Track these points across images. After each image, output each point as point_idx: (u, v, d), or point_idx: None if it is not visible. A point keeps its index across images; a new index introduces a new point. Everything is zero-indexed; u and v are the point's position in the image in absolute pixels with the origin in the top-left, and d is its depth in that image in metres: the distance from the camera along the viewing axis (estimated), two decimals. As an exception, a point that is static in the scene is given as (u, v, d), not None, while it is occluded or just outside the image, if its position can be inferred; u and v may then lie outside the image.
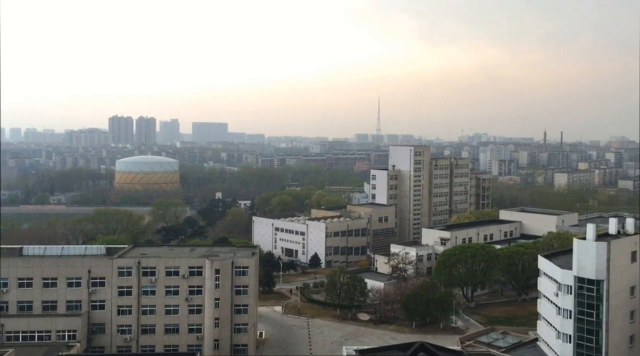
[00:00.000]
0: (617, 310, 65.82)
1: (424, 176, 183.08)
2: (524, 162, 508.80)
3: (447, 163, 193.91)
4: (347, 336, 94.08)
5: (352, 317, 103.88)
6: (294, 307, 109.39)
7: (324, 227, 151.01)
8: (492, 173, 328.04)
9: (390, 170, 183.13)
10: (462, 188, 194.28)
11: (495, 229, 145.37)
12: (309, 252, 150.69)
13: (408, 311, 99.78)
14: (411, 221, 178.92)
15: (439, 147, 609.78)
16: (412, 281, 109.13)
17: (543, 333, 75.50)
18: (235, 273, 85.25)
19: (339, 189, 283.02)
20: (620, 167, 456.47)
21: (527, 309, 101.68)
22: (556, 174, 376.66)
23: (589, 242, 66.52)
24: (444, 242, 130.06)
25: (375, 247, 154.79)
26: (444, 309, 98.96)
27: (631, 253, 68.59)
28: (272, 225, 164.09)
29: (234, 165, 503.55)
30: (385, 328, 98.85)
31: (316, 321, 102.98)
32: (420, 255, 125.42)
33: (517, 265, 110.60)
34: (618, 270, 65.94)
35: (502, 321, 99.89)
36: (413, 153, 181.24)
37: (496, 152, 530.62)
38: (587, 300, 65.88)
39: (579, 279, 66.44)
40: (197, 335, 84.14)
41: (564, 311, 68.16)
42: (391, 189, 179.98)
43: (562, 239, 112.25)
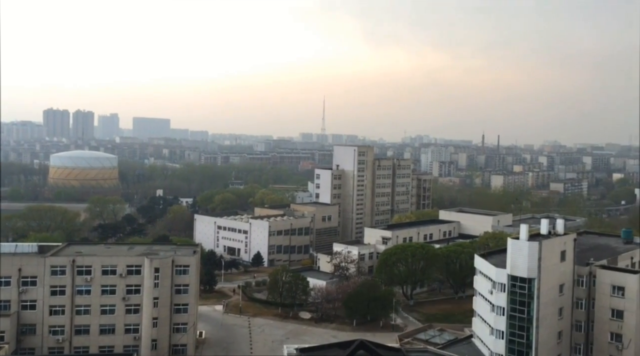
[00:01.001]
0: (547, 307, 68.80)
1: (367, 176, 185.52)
2: (463, 163, 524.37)
3: (390, 163, 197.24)
4: (289, 335, 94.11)
5: (294, 316, 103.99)
6: (235, 306, 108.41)
7: (267, 225, 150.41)
8: (432, 174, 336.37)
9: (334, 170, 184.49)
10: (404, 189, 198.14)
11: (435, 229, 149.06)
12: (251, 251, 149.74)
13: (349, 309, 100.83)
14: (354, 220, 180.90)
15: (382, 148, 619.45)
16: (354, 280, 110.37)
17: (478, 330, 78.01)
18: (176, 272, 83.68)
19: (283, 188, 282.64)
20: (552, 170, 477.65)
21: (463, 306, 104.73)
22: (493, 176, 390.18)
23: (522, 241, 69.18)
24: (385, 241, 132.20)
25: (318, 246, 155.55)
26: (384, 307, 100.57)
27: (561, 253, 71.83)
28: (215, 224, 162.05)
29: (176, 162, 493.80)
30: (326, 326, 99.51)
31: (257, 320, 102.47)
32: (362, 254, 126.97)
33: (454, 263, 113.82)
34: (548, 268, 68.93)
35: (439, 319, 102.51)
36: (357, 154, 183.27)
37: (437, 153, 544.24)
38: (519, 298, 68.48)
39: (512, 277, 68.97)
40: (134, 335, 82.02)
41: (497, 309, 70.62)
42: (335, 188, 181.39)
43: (498, 239, 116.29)
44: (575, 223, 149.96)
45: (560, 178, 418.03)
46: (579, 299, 73.80)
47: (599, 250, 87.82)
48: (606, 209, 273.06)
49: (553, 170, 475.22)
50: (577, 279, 73.82)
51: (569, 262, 72.94)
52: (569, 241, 73.45)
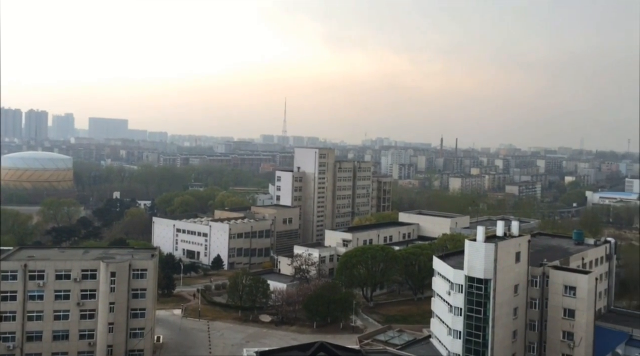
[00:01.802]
0: (502, 307, 70.44)
1: (328, 178, 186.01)
2: (422, 166, 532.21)
3: (351, 166, 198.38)
4: (248, 338, 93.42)
5: (254, 319, 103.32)
6: (194, 310, 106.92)
7: (227, 228, 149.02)
8: (392, 176, 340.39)
9: (295, 172, 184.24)
10: (364, 191, 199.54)
11: (395, 231, 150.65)
12: (211, 254, 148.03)
13: (309, 312, 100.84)
14: (315, 223, 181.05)
15: (343, 150, 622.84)
16: (314, 282, 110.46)
17: (436, 330, 79.23)
18: (133, 276, 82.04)
19: (244, 190, 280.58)
20: (508, 173, 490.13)
21: (422, 307, 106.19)
22: (451, 179, 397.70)
23: (479, 243, 70.62)
24: (346, 243, 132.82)
25: (279, 249, 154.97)
26: (344, 309, 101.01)
27: (516, 254, 73.68)
28: (174, 226, 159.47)
29: (134, 163, 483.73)
30: (286, 329, 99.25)
31: (217, 323, 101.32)
32: (322, 256, 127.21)
33: (413, 265, 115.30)
34: (504, 269, 70.60)
35: (398, 320, 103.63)
36: (318, 156, 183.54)
37: (397, 156, 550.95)
38: (475, 298, 69.89)
39: (469, 278, 70.34)
40: (89, 341, 79.96)
41: (455, 309, 71.88)
42: (296, 191, 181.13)
43: (455, 240, 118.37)
44: (529, 225, 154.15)
45: (515, 181, 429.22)
46: (533, 299, 75.86)
47: (552, 251, 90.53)
48: (558, 211, 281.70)
49: (508, 173, 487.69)
50: (531, 279, 75.86)
51: (524, 263, 74.90)
52: (523, 242, 75.43)
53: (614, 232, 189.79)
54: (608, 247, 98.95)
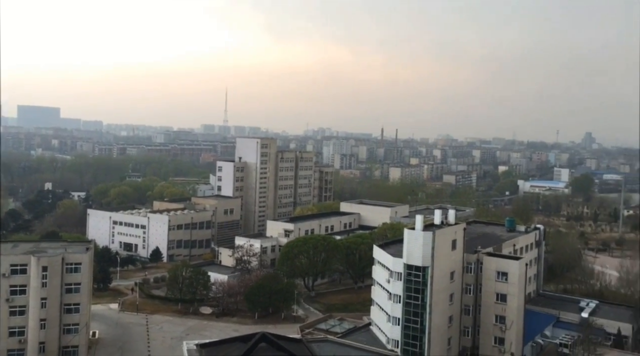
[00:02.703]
0: (439, 293, 72.66)
1: (270, 168, 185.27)
2: (363, 156, 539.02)
3: (293, 156, 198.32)
4: (189, 331, 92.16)
5: (194, 311, 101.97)
6: (131, 304, 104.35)
7: (166, 219, 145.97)
8: (334, 166, 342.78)
9: (236, 162, 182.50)
10: (307, 181, 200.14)
11: (336, 221, 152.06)
12: (150, 246, 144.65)
13: (251, 302, 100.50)
14: (256, 213, 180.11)
15: (285, 140, 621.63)
16: (256, 273, 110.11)
17: (375, 318, 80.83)
18: (66, 270, 79.24)
19: (184, 181, 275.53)
20: (445, 163, 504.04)
21: (362, 296, 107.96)
22: (391, 168, 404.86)
23: (417, 231, 72.45)
24: (287, 233, 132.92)
25: (220, 240, 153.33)
26: (286, 299, 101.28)
27: (452, 242, 76.08)
28: (110, 219, 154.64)
29: (67, 153, 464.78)
30: (227, 320, 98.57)
31: (156, 317, 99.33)
32: (264, 247, 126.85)
33: (354, 254, 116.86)
34: (441, 257, 72.78)
35: (339, 309, 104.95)
36: (260, 146, 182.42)
37: (338, 146, 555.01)
38: (414, 285, 71.74)
39: (407, 266, 72.09)
40: (20, 338, 76.62)
41: (394, 296, 73.55)
42: (237, 181, 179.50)
43: (395, 229, 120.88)
44: (465, 213, 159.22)
45: (453, 170, 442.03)
46: (468, 285, 78.65)
47: (486, 238, 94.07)
48: (492, 200, 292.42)
49: (446, 163, 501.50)
50: (467, 266, 78.61)
51: (459, 250, 77.44)
52: (459, 230, 77.94)
53: (543, 219, 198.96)
54: (537, 233, 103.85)
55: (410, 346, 71.63)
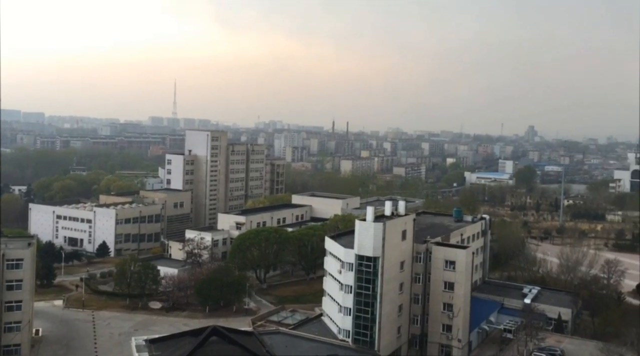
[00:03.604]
0: (389, 283, 73.84)
1: (220, 161, 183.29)
2: (314, 149, 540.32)
3: (244, 149, 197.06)
4: (137, 327, 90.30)
5: (143, 306, 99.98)
6: (77, 300, 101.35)
7: (113, 213, 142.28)
8: (286, 159, 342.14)
9: (186, 155, 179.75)
10: (258, 174, 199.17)
11: (288, 213, 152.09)
12: (96, 241, 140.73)
13: (202, 296, 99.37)
14: (207, 206, 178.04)
15: (236, 133, 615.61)
16: (207, 266, 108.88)
17: (327, 308, 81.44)
18: (7, 266, 76.21)
19: (132, 174, 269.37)
20: (395, 155, 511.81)
21: (314, 287, 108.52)
22: (342, 161, 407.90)
23: (368, 222, 73.28)
24: (239, 226, 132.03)
25: (170, 233, 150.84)
26: (237, 292, 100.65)
27: (402, 232, 77.38)
28: (53, 213, 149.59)
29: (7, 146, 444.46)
30: (177, 315, 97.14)
31: (103, 313, 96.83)
32: (215, 240, 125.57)
33: (306, 246, 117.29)
34: (391, 247, 73.93)
35: (291, 300, 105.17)
36: (210, 139, 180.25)
37: (290, 139, 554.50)
38: (365, 276, 72.64)
39: (359, 257, 72.89)
40: (-44, 339, 73.15)
41: (345, 287, 74.25)
42: (187, 174, 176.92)
43: (346, 221, 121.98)
44: (415, 204, 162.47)
45: (402, 162, 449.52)
46: (417, 274, 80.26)
47: (435, 229, 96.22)
48: (441, 191, 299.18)
49: (396, 155, 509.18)
50: (416, 256, 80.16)
51: (409, 241, 78.88)
52: (409, 221, 79.34)
53: (488, 209, 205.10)
54: (483, 223, 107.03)
55: (361, 336, 72.59)
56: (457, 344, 77.06)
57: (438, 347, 78.20)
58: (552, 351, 77.92)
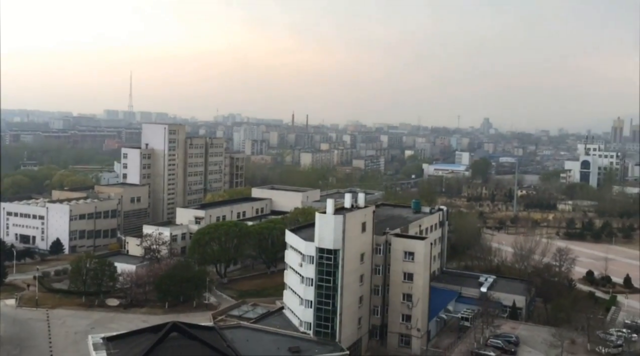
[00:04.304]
0: (350, 275, 74.49)
1: (178, 155, 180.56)
2: (274, 142, 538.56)
3: (203, 142, 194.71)
4: (94, 324, 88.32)
5: (100, 304, 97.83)
6: (30, 299, 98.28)
7: (67, 209, 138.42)
8: (245, 152, 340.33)
9: (143, 149, 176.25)
10: (217, 168, 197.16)
11: (248, 206, 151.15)
12: (49, 238, 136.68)
13: (161, 292, 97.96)
14: (165, 201, 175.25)
15: (195, 126, 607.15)
16: (166, 261, 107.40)
17: (288, 301, 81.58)
18: (-47, 266, 72.99)
19: (86, 169, 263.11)
20: (355, 148, 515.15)
21: (275, 281, 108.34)
22: (302, 154, 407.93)
23: (329, 215, 73.65)
24: (198, 220, 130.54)
25: (127, 229, 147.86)
26: (197, 287, 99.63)
27: (362, 224, 78.07)
28: (3, 209, 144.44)
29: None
30: (136, 311, 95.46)
31: (58, 311, 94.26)
32: (174, 234, 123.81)
33: (267, 240, 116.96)
34: (351, 239, 74.52)
35: (252, 294, 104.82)
36: (168, 132, 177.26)
37: (249, 132, 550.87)
38: (326, 268, 73.02)
39: (319, 249, 73.19)
40: None
41: (306, 280, 74.51)
42: (144, 168, 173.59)
43: (307, 214, 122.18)
44: (374, 197, 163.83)
45: (362, 155, 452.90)
46: (377, 265, 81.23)
47: (394, 220, 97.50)
48: (400, 183, 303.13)
49: (355, 148, 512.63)
50: (376, 247, 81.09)
51: (369, 233, 79.69)
52: (368, 213, 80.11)
53: (446, 200, 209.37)
54: (441, 214, 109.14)
55: (322, 328, 73.07)
56: (416, 333, 78.51)
57: (398, 337, 79.50)
58: (507, 338, 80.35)
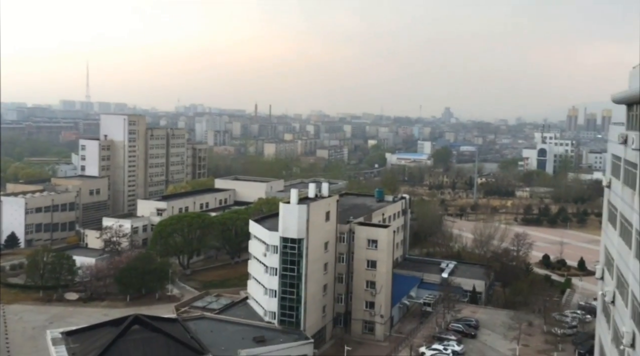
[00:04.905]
0: (314, 264, 74.81)
1: (139, 146, 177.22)
2: (237, 132, 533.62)
3: (164, 133, 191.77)
4: (52, 319, 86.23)
5: (59, 298, 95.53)
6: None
7: (22, 202, 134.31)
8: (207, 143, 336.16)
9: (102, 140, 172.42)
10: (179, 159, 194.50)
11: (211, 197, 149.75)
12: (4, 232, 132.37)
13: (122, 285, 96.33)
14: (126, 193, 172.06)
15: (155, 117, 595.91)
16: (127, 254, 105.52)
17: (253, 291, 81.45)
18: None
19: (42, 161, 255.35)
20: (318, 138, 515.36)
21: (239, 271, 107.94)
22: (265, 144, 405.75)
23: (292, 205, 73.65)
24: (160, 212, 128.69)
25: (86, 222, 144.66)
26: (160, 279, 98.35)
27: (326, 213, 78.41)
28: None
29: None
30: (96, 305, 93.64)
31: (14, 307, 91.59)
32: (135, 227, 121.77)
33: (230, 230, 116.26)
34: (315, 228, 74.78)
35: (216, 285, 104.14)
36: (127, 123, 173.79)
37: (212, 122, 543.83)
38: (290, 257, 73.15)
39: (283, 239, 73.20)
40: None
41: (270, 269, 74.49)
42: (103, 160, 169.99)
43: (271, 204, 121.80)
44: (338, 186, 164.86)
45: (325, 145, 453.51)
46: (341, 254, 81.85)
47: (357, 209, 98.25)
48: (363, 172, 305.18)
49: (319, 138, 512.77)
50: (340, 236, 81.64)
51: (333, 222, 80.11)
52: (332, 202, 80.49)
53: (408, 189, 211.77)
54: (403, 202, 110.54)
55: (287, 317, 73.28)
56: (380, 320, 79.59)
57: (362, 323, 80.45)
58: (468, 322, 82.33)
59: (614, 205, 34.93)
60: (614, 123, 40.41)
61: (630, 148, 29.54)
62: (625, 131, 31.75)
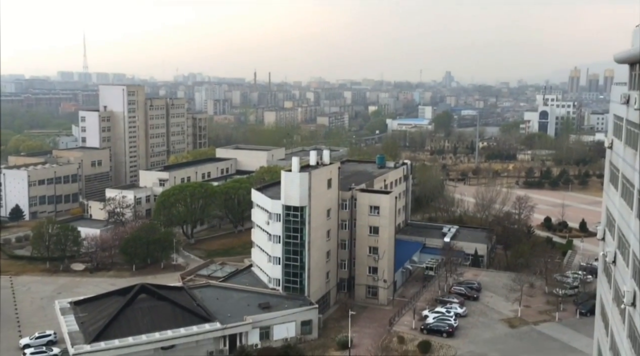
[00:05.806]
0: (316, 231, 75.35)
1: (139, 117, 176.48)
2: (237, 101, 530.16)
3: (163, 103, 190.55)
4: (60, 289, 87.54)
5: (65, 269, 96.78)
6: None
7: (25, 175, 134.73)
8: (207, 112, 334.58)
9: (101, 111, 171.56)
10: (179, 129, 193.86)
11: (213, 167, 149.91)
12: (8, 204, 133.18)
13: (127, 255, 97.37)
14: (127, 164, 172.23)
15: (154, 87, 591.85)
16: (131, 224, 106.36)
17: (256, 259, 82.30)
18: None
19: (43, 133, 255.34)
20: (318, 105, 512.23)
21: (242, 239, 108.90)
22: (266, 112, 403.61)
23: (294, 173, 73.72)
24: (162, 182, 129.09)
25: (89, 193, 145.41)
26: (164, 249, 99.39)
27: (327, 181, 78.55)
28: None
29: None
30: (103, 275, 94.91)
31: (22, 278, 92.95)
32: (138, 197, 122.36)
33: (233, 199, 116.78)
34: (317, 196, 75.04)
35: (220, 254, 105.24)
36: (126, 94, 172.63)
37: (211, 92, 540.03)
38: (293, 225, 73.65)
39: (286, 207, 73.56)
40: None
41: (274, 237, 75.09)
42: (104, 131, 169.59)
43: (272, 172, 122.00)
44: (339, 153, 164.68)
45: (326, 112, 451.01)
46: (344, 220, 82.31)
47: (359, 176, 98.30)
48: (364, 138, 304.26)
49: (319, 105, 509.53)
50: (342, 203, 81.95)
51: (335, 189, 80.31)
52: (334, 170, 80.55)
53: (409, 154, 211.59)
54: (405, 168, 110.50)
55: (291, 283, 74.22)
56: (383, 284, 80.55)
57: (365, 288, 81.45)
58: (470, 285, 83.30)
59: (615, 166, 34.87)
60: (616, 84, 39.92)
61: (632, 108, 29.29)
62: (628, 91, 31.42)
